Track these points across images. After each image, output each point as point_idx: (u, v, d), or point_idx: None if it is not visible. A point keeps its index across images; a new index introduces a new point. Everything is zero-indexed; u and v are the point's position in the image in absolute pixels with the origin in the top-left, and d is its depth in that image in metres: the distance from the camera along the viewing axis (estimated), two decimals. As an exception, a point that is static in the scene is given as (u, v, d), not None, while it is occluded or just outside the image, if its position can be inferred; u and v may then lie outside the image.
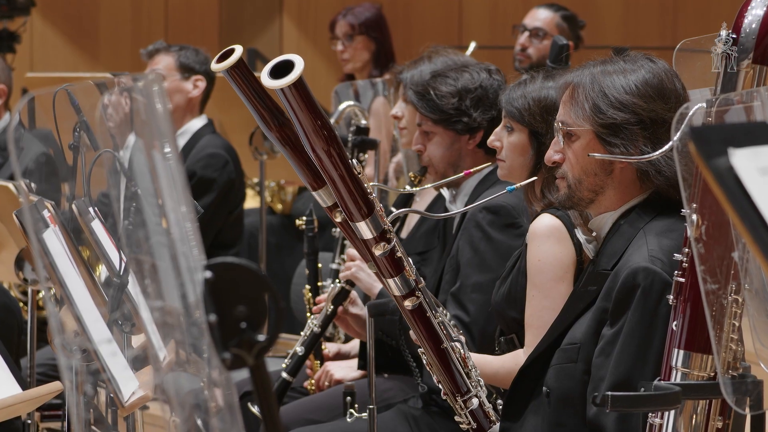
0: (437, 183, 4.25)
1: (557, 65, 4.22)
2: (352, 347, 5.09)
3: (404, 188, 4.74)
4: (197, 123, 6.48)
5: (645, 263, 3.18)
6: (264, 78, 2.93)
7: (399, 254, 3.16)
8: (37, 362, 4.78)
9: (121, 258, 2.97)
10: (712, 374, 2.79)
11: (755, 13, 2.93)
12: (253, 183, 7.95)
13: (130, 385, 2.89)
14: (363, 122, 5.56)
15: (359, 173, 3.06)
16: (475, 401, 3.37)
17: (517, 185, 3.45)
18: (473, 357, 3.43)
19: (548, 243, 3.56)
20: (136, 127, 2.45)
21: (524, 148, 3.86)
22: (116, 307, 2.95)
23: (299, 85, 2.92)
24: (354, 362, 4.90)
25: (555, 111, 3.42)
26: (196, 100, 6.44)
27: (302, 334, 4.79)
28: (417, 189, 4.09)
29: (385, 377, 4.75)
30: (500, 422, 3.43)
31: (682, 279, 2.82)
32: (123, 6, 11.40)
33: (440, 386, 3.39)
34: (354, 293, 4.66)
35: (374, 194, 3.13)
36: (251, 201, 8.45)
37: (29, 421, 4.50)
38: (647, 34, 10.70)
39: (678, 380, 2.80)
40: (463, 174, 3.87)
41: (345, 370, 4.88)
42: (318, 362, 4.98)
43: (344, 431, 4.40)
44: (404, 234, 5.00)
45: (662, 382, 2.79)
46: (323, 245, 5.50)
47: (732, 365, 2.63)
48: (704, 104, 2.55)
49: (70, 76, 8.02)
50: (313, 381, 4.94)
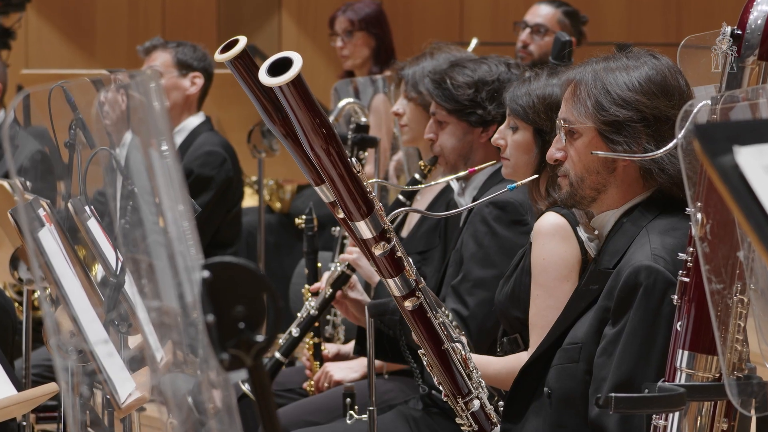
0: (438, 181, 4.24)
1: (560, 62, 4.20)
2: (352, 348, 5.06)
3: (406, 185, 4.73)
4: (195, 120, 6.44)
5: (648, 262, 3.16)
6: (262, 76, 2.89)
7: (399, 254, 3.13)
8: (33, 363, 4.76)
9: (118, 257, 2.95)
10: (717, 375, 2.77)
11: (761, 9, 2.90)
12: (252, 181, 7.93)
13: (127, 387, 2.87)
14: (363, 120, 5.53)
15: (359, 172, 3.03)
16: (477, 403, 3.34)
17: (518, 183, 3.44)
18: (474, 358, 3.41)
19: (553, 242, 3.54)
20: (133, 125, 2.43)
21: (529, 147, 3.84)
22: (113, 308, 2.93)
23: (297, 83, 2.88)
24: (354, 363, 4.88)
25: (559, 108, 3.40)
26: (194, 97, 6.40)
27: (299, 316, 4.76)
28: (419, 187, 4.07)
29: (386, 378, 4.73)
30: (501, 423, 3.41)
31: (687, 279, 2.79)
32: (119, 2, 11.39)
33: (441, 387, 3.37)
34: (354, 277, 4.62)
35: (374, 192, 3.10)
36: (249, 199, 8.44)
37: (24, 423, 4.48)
38: (651, 31, 10.69)
39: (682, 381, 2.78)
40: (468, 172, 3.87)
41: (345, 372, 4.86)
42: (317, 363, 4.95)
43: (344, 432, 4.39)
44: (405, 233, 4.98)
45: (666, 384, 2.77)
46: (323, 244, 5.49)
47: (737, 366, 2.61)
48: (709, 101, 2.54)
49: (66, 73, 7.99)
50: (313, 382, 4.92)
